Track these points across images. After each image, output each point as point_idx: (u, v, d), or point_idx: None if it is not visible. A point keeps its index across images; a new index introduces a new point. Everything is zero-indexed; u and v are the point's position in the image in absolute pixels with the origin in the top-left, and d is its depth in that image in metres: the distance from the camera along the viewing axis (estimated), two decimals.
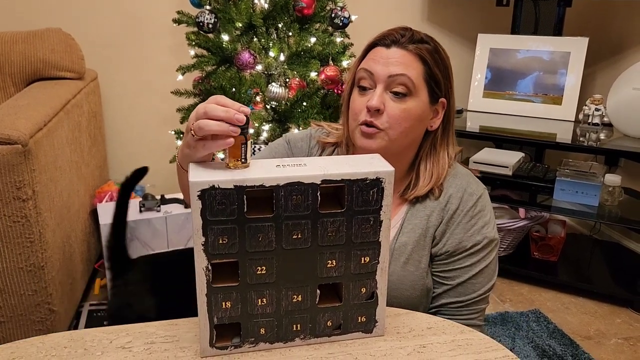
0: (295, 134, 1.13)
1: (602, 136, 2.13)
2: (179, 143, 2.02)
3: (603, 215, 2.04)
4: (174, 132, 2.16)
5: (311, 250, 0.73)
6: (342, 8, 2.02)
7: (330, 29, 2.05)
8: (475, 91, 2.45)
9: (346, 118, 1.02)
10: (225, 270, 0.73)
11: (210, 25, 1.93)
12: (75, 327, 1.81)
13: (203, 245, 0.69)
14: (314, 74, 1.94)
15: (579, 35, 2.27)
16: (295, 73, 1.94)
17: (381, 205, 0.73)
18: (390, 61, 0.94)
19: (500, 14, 2.54)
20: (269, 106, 1.95)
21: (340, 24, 2.01)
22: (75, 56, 2.02)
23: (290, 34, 1.98)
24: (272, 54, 1.94)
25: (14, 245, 1.43)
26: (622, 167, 2.35)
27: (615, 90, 2.11)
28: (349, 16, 2.01)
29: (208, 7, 1.97)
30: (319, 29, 2.05)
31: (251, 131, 1.92)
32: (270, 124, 1.95)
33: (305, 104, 1.94)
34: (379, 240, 0.74)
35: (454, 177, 1.01)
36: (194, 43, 2.03)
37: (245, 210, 0.69)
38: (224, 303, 0.72)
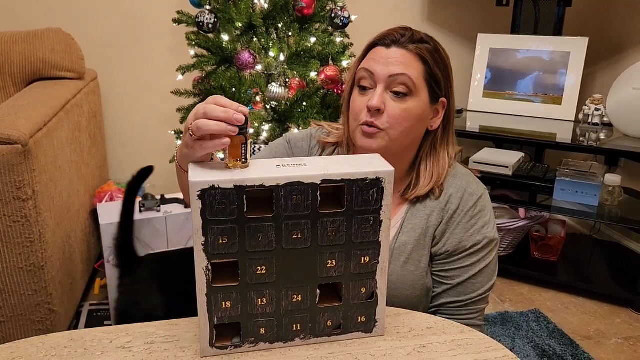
0: (296, 133, 1.13)
1: (602, 136, 2.12)
2: (179, 143, 2.02)
3: (603, 215, 2.04)
4: (174, 132, 2.16)
5: (311, 250, 0.73)
6: (342, 8, 2.01)
7: (330, 29, 2.05)
8: (475, 91, 2.45)
9: (346, 118, 1.02)
10: (225, 270, 0.73)
11: (210, 25, 1.93)
12: (75, 327, 1.81)
13: (203, 245, 0.69)
14: (314, 74, 1.94)
15: (579, 35, 2.27)
16: (295, 73, 1.94)
17: (381, 205, 0.73)
18: (391, 61, 0.94)
19: (500, 13, 2.54)
20: (268, 106, 1.95)
21: (340, 24, 2.01)
22: (75, 56, 2.02)
23: (290, 34, 1.98)
24: (272, 54, 1.94)
25: (14, 245, 1.43)
26: (622, 167, 2.35)
27: (615, 90, 2.11)
28: (349, 16, 2.01)
29: (208, 7, 1.97)
30: (319, 29, 2.05)
31: (251, 131, 1.92)
32: (270, 124, 1.95)
33: (305, 104, 1.94)
34: (379, 240, 0.75)
35: (454, 177, 1.01)
36: (194, 43, 2.03)
37: (245, 210, 0.69)
38: (224, 303, 0.72)
